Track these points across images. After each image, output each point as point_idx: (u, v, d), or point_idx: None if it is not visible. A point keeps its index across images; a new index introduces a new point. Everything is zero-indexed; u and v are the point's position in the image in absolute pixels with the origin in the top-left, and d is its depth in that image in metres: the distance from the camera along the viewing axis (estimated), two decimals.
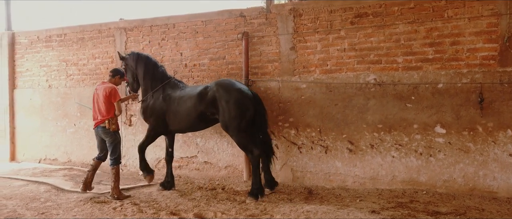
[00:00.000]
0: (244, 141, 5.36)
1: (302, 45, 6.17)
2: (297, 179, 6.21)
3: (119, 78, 5.75)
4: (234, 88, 5.40)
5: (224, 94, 5.34)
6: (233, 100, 5.28)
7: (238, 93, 5.34)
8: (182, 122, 5.73)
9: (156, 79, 6.00)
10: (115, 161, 5.47)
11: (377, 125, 5.73)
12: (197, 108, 5.54)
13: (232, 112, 5.27)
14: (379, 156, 5.74)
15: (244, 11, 6.58)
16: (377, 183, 5.75)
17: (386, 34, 5.69)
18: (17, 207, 5.02)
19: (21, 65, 8.64)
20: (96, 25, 7.85)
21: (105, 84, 5.56)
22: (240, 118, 5.28)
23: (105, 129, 5.44)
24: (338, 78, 5.94)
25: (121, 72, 5.84)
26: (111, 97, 5.41)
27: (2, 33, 8.72)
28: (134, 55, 6.15)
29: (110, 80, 5.68)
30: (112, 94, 5.41)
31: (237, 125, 5.30)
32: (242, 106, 5.29)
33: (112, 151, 5.48)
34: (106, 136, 5.49)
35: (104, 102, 5.41)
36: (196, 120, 5.63)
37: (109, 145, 5.50)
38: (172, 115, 5.77)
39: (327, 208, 4.74)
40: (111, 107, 5.44)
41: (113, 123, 5.44)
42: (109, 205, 5.01)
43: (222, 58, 6.75)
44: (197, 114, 5.57)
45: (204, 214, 4.64)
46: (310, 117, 6.11)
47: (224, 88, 5.38)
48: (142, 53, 6.28)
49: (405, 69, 5.60)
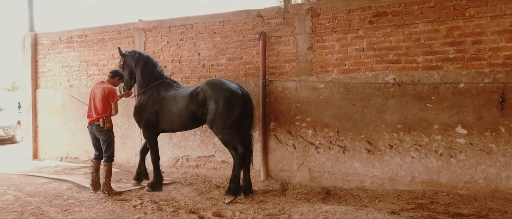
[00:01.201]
0: (228, 138, 5.41)
1: (320, 45, 6.15)
2: (314, 179, 6.20)
3: (118, 80, 5.89)
4: (223, 87, 5.44)
5: (213, 94, 5.41)
6: (221, 99, 5.35)
7: (226, 92, 5.39)
8: (175, 121, 5.82)
9: (152, 79, 6.09)
10: (109, 158, 5.61)
11: (396, 125, 5.68)
12: (188, 108, 5.62)
13: (219, 110, 5.34)
14: (398, 156, 5.68)
15: (261, 11, 6.60)
16: (396, 184, 5.69)
17: (405, 34, 5.63)
18: (41, 204, 5.15)
19: (43, 66, 8.86)
20: (115, 26, 7.99)
21: (103, 84, 5.68)
22: (226, 115, 5.34)
23: (99, 127, 5.56)
24: (356, 78, 5.91)
25: (120, 74, 5.97)
26: (109, 97, 5.53)
27: (25, 34, 8.95)
28: (136, 54, 6.23)
29: (109, 81, 5.81)
30: (111, 94, 5.55)
31: (223, 122, 5.36)
32: (230, 104, 5.35)
33: (106, 149, 5.61)
34: (100, 134, 5.60)
35: (101, 101, 5.53)
36: (188, 119, 5.71)
37: (103, 142, 5.62)
38: (165, 114, 5.86)
39: (346, 209, 4.72)
40: (108, 107, 5.57)
41: (108, 122, 5.56)
42: (129, 203, 5.10)
43: (240, 58, 6.79)
44: (188, 114, 5.65)
45: (222, 213, 4.68)
46: (327, 117, 6.09)
47: (213, 88, 5.45)
48: (143, 53, 6.37)
49: (425, 69, 5.53)
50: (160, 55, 7.48)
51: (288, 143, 6.38)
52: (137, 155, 7.60)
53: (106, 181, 5.55)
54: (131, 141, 7.75)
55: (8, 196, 5.55)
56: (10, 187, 6.14)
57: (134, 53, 6.28)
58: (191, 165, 7.21)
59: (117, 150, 7.80)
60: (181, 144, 7.28)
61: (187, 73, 7.23)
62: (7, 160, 9.41)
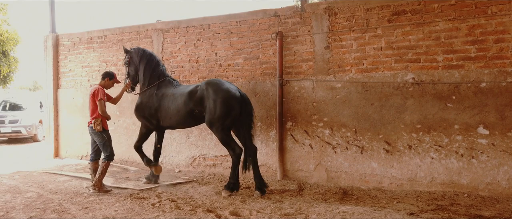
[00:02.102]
0: (227, 138, 5.53)
1: (337, 44, 6.11)
2: (331, 179, 6.16)
3: (108, 80, 5.93)
4: (222, 88, 5.52)
5: (211, 94, 5.49)
6: (220, 99, 5.43)
7: (225, 93, 5.47)
8: (173, 118, 5.93)
9: (154, 76, 6.22)
10: (108, 157, 5.66)
11: (415, 125, 5.59)
12: (186, 106, 5.74)
13: (218, 110, 5.43)
14: (418, 157, 5.59)
15: (278, 10, 6.60)
16: (415, 185, 5.61)
17: (425, 32, 5.53)
18: (62, 201, 5.27)
19: (64, 66, 9.06)
20: (134, 27, 8.11)
21: (94, 86, 5.84)
22: (225, 116, 5.44)
23: (92, 129, 5.66)
24: (374, 78, 5.84)
25: (110, 74, 6.00)
26: (94, 97, 5.63)
27: (47, 35, 9.17)
28: (140, 51, 6.35)
29: (100, 82, 5.93)
30: (96, 94, 5.63)
31: (222, 123, 5.46)
32: (228, 105, 5.43)
33: (103, 150, 5.68)
34: (95, 136, 5.71)
35: (90, 102, 5.69)
36: (186, 117, 5.82)
37: (99, 144, 5.71)
38: (164, 111, 5.99)
39: (363, 209, 4.68)
40: (96, 108, 5.63)
41: (98, 124, 5.61)
42: (148, 201, 5.17)
43: (256, 58, 6.80)
44: (186, 111, 5.76)
45: (239, 212, 4.69)
46: (345, 117, 6.04)
47: (212, 88, 5.53)
48: (147, 50, 6.47)
49: (446, 68, 5.42)
50: (177, 56, 7.56)
51: (304, 142, 6.36)
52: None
53: (99, 178, 5.63)
54: (150, 140, 7.82)
55: (31, 193, 5.70)
56: (32, 185, 6.31)
57: (138, 50, 6.40)
58: (208, 164, 7.26)
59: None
60: (198, 143, 7.33)
61: (204, 73, 7.28)
62: (29, 158, 9.68)
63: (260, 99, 6.73)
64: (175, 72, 7.57)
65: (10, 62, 19.10)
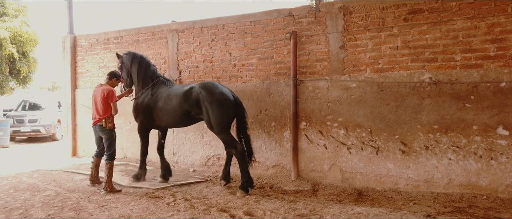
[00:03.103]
0: (228, 138, 5.70)
1: (352, 43, 6.05)
2: (346, 180, 6.10)
3: (116, 81, 6.13)
4: (217, 91, 5.68)
5: (207, 96, 5.65)
6: (215, 102, 5.60)
7: (220, 96, 5.65)
8: (169, 118, 6.12)
9: (147, 78, 6.41)
10: (110, 156, 5.84)
11: (432, 126, 5.49)
12: (182, 107, 5.90)
13: (215, 113, 5.60)
14: (435, 158, 5.49)
15: (292, 10, 6.58)
16: (432, 186, 5.51)
17: (442, 31, 5.43)
18: (79, 199, 5.37)
19: (81, 67, 9.21)
20: (149, 27, 8.20)
21: (103, 86, 5.97)
22: (222, 117, 5.63)
23: (102, 127, 5.86)
24: (390, 77, 5.76)
25: (117, 75, 6.20)
26: (108, 98, 5.81)
27: (65, 36, 9.34)
28: (130, 55, 6.56)
29: (107, 82, 6.06)
30: (110, 95, 5.82)
31: (221, 123, 5.64)
32: (223, 107, 5.62)
33: (108, 147, 5.88)
34: (103, 133, 5.91)
35: (102, 103, 5.82)
36: (181, 117, 6.00)
37: (105, 141, 5.92)
38: (159, 111, 6.16)
39: (379, 211, 4.62)
40: (108, 108, 5.85)
41: (110, 122, 5.85)
42: (163, 200, 5.22)
43: (270, 57, 6.79)
44: (181, 112, 5.93)
45: (253, 212, 4.69)
46: (360, 117, 5.98)
47: (207, 91, 5.69)
48: (137, 53, 6.65)
49: (464, 67, 5.32)
50: (192, 56, 7.60)
51: (319, 143, 6.32)
52: (169, 154, 7.78)
53: (108, 179, 5.75)
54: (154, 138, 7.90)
55: (49, 192, 5.82)
56: (51, 183, 6.43)
57: (129, 54, 6.60)
58: (222, 163, 7.26)
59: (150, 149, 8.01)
60: (212, 143, 7.36)
61: (218, 73, 7.31)
62: (48, 157, 9.88)
63: (274, 99, 6.72)
64: (190, 73, 7.62)
65: (30, 63, 19.55)
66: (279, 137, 6.69)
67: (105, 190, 5.74)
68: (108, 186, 5.75)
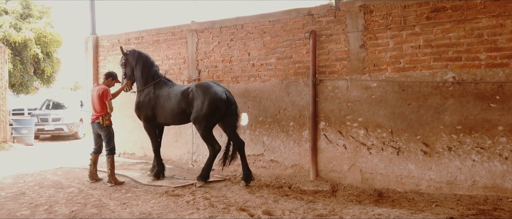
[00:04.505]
0: (208, 135, 6.05)
1: (373, 42, 5.97)
2: (366, 180, 6.03)
3: (111, 80, 6.50)
4: (210, 90, 5.99)
5: (200, 95, 5.98)
6: (207, 101, 5.91)
7: (213, 95, 5.94)
8: (168, 116, 6.40)
9: (150, 77, 6.67)
10: (110, 151, 6.22)
11: (455, 126, 5.37)
12: (179, 105, 6.21)
13: (204, 110, 5.92)
14: (458, 159, 5.37)
15: (312, 9, 6.54)
16: (454, 188, 5.39)
17: (466, 29, 5.31)
18: (101, 196, 5.47)
19: (103, 67, 9.39)
20: (169, 27, 8.29)
21: (99, 86, 6.33)
22: (210, 115, 5.95)
23: (99, 124, 6.22)
24: (412, 77, 5.66)
25: (113, 75, 6.55)
26: (103, 97, 6.17)
27: (87, 37, 9.54)
28: (136, 53, 6.77)
29: (104, 82, 6.46)
30: (104, 94, 6.18)
31: (206, 121, 5.97)
32: (214, 106, 5.91)
33: (107, 143, 6.25)
34: (101, 130, 6.27)
35: (98, 101, 6.19)
36: (179, 115, 6.29)
37: (104, 138, 6.28)
38: (159, 109, 6.46)
39: (400, 212, 4.55)
40: (104, 106, 6.20)
41: (107, 119, 6.22)
42: (182, 199, 5.27)
43: (289, 57, 6.77)
44: (179, 110, 6.24)
45: (272, 212, 4.69)
46: (380, 117, 5.90)
47: (201, 90, 6.02)
48: (142, 52, 6.85)
49: (489, 67, 5.18)
50: (211, 56, 7.65)
51: (338, 143, 6.26)
52: (189, 153, 7.85)
53: (111, 173, 6.14)
54: (183, 139, 8.00)
55: (72, 189, 5.95)
56: (74, 180, 6.59)
57: (133, 52, 6.80)
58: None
59: (169, 147, 8.11)
60: None
61: (237, 73, 7.34)
62: (71, 155, 10.11)
63: (292, 99, 6.70)
64: (209, 72, 7.68)
65: (53, 63, 20.07)
66: (297, 137, 6.67)
67: (109, 182, 6.10)
68: (112, 179, 6.13)
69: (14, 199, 5.37)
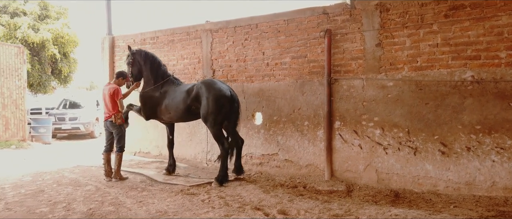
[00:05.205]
0: (219, 133, 6.12)
1: (389, 41, 5.90)
2: (382, 181, 5.96)
3: (122, 80, 6.68)
4: (215, 87, 6.10)
5: (205, 92, 6.09)
6: (212, 97, 6.02)
7: (217, 92, 6.05)
8: (173, 113, 6.59)
9: (158, 76, 6.87)
10: (120, 149, 6.47)
11: (474, 126, 5.27)
12: (185, 103, 6.38)
13: (210, 107, 6.02)
14: (477, 159, 5.27)
15: (327, 8, 6.49)
16: (473, 189, 5.29)
17: (486, 27, 5.20)
18: (118, 194, 5.54)
19: (119, 67, 9.49)
20: (184, 27, 8.34)
21: (110, 85, 6.53)
22: (217, 112, 6.02)
23: (112, 122, 6.41)
24: (429, 76, 5.58)
25: (124, 74, 6.73)
26: (115, 96, 6.37)
27: (104, 37, 9.67)
28: (143, 53, 6.96)
29: (114, 81, 6.64)
30: (115, 93, 6.39)
31: (214, 118, 6.04)
32: (219, 103, 6.01)
33: (118, 141, 6.47)
34: (113, 128, 6.46)
35: (110, 100, 6.37)
36: (184, 112, 6.45)
37: (115, 135, 6.48)
38: (165, 107, 6.65)
39: (417, 213, 4.48)
40: (116, 104, 6.39)
41: (119, 118, 6.41)
42: (198, 197, 5.30)
43: (304, 56, 6.74)
44: (184, 107, 6.40)
45: (287, 211, 4.67)
46: (397, 117, 5.83)
47: (206, 87, 6.13)
48: (149, 52, 7.05)
49: (509, 65, 5.06)
50: (225, 55, 7.67)
51: (354, 143, 6.21)
52: (203, 152, 7.89)
53: (117, 169, 6.43)
54: (198, 138, 8.04)
55: (89, 187, 6.04)
56: (91, 178, 6.69)
57: (140, 52, 6.97)
58: (255, 162, 7.31)
59: (184, 146, 8.17)
60: (245, 142, 7.38)
61: (251, 72, 7.34)
62: (87, 154, 10.27)
63: (307, 98, 6.67)
64: (223, 72, 7.70)
65: (70, 63, 20.41)
66: (312, 136, 6.63)
67: (115, 178, 6.38)
68: (117, 174, 6.43)
69: (34, 196, 5.48)
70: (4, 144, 11.53)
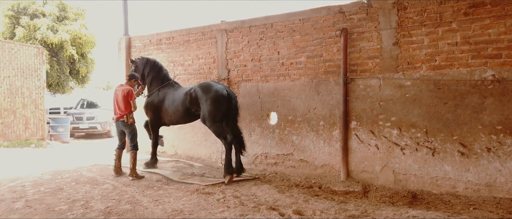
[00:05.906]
0: (219, 129, 6.39)
1: (407, 40, 5.81)
2: (399, 181, 5.88)
3: (134, 81, 6.92)
4: (212, 89, 6.39)
5: (203, 94, 6.40)
6: (210, 98, 6.32)
7: (214, 92, 6.33)
8: (173, 116, 6.98)
9: (159, 80, 7.31)
10: (134, 147, 6.67)
11: (495, 126, 5.14)
12: (184, 105, 6.73)
13: (209, 107, 6.32)
14: (497, 160, 5.14)
15: (343, 7, 6.43)
16: (494, 191, 5.16)
17: (507, 25, 5.07)
18: (135, 193, 5.60)
19: None
20: (199, 28, 8.38)
21: (123, 86, 6.75)
22: (215, 111, 6.30)
23: (124, 122, 6.65)
24: (448, 75, 5.47)
25: (136, 76, 6.96)
26: (128, 97, 6.61)
27: (120, 38, 9.79)
28: (144, 60, 7.47)
29: (127, 83, 6.86)
30: (129, 94, 6.63)
31: (213, 117, 6.34)
32: (217, 103, 6.29)
33: (131, 140, 6.68)
34: (125, 128, 6.68)
35: (123, 101, 6.60)
36: (183, 114, 6.83)
37: (128, 135, 6.69)
38: (165, 110, 7.05)
39: (436, 215, 4.40)
40: (128, 105, 6.64)
41: (131, 117, 6.67)
42: (213, 197, 5.31)
43: (319, 56, 6.69)
44: (183, 109, 6.77)
45: (303, 211, 4.65)
46: (415, 116, 5.73)
47: (203, 89, 6.44)
48: (150, 58, 7.51)
49: None
50: (240, 55, 7.68)
51: (370, 143, 6.14)
52: (218, 151, 7.91)
53: (133, 167, 6.57)
54: (213, 138, 8.05)
55: (107, 185, 6.13)
56: (108, 177, 6.78)
57: (142, 59, 7.48)
58: (270, 162, 7.30)
59: (199, 146, 8.21)
60: (260, 142, 7.40)
61: (266, 71, 7.33)
62: (104, 153, 10.42)
63: (322, 98, 6.62)
64: (238, 71, 7.71)
65: (88, 63, 20.74)
66: (328, 136, 6.58)
67: (130, 176, 6.53)
68: (133, 173, 6.56)
69: (53, 194, 5.58)
70: (24, 143, 11.80)
